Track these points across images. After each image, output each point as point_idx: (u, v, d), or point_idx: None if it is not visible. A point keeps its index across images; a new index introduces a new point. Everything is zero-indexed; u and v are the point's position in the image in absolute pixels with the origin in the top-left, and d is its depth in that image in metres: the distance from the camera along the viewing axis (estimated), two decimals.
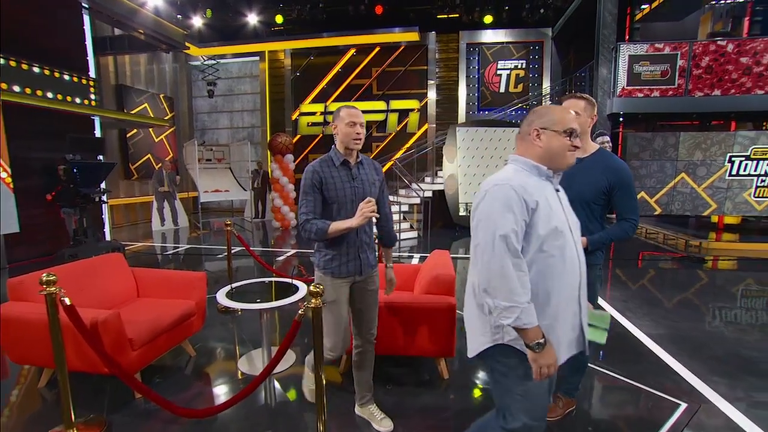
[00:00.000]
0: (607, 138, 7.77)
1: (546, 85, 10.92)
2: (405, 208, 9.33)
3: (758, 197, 7.41)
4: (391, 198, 8.93)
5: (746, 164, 7.53)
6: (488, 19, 10.45)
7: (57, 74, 6.38)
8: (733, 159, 7.56)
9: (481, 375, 2.81)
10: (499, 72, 11.01)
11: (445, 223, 9.35)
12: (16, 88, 5.79)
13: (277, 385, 2.70)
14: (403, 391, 2.58)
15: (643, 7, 9.64)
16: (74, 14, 6.79)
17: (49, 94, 6.28)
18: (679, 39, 7.86)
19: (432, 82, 11.37)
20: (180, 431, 2.21)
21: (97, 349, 2.05)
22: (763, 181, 7.41)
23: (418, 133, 11.73)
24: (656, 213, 8.54)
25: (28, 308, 2.34)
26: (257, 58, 12.77)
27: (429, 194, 9.50)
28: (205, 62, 12.72)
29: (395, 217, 7.96)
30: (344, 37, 11.33)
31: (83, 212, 6.39)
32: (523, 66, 10.90)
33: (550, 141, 1.34)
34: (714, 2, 9.29)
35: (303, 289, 2.89)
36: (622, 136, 8.96)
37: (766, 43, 7.26)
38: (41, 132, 6.32)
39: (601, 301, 4.18)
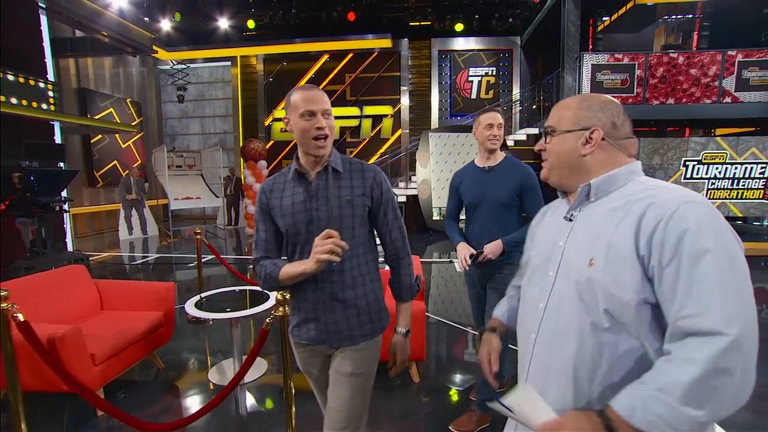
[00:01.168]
0: None
1: (516, 91, 11.24)
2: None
3: (710, 198, 7.87)
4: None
5: (698, 168, 8.00)
6: (459, 26, 10.69)
7: (11, 76, 6.10)
8: (687, 163, 8.01)
9: (452, 378, 2.86)
10: (470, 78, 11.26)
11: (418, 228, 9.45)
12: None
13: (248, 394, 2.67)
14: (374, 395, 2.60)
15: (604, 19, 10.11)
16: (29, 13, 6.49)
17: (2, 98, 5.99)
18: (636, 50, 8.28)
19: (405, 88, 11.51)
20: None
21: (54, 367, 1.97)
22: (713, 184, 7.88)
23: (392, 139, 11.83)
24: None
25: None
26: (229, 63, 12.58)
27: (403, 199, 9.59)
28: (175, 66, 12.42)
29: None
30: (317, 43, 11.33)
31: (41, 222, 6.10)
32: (494, 73, 11.20)
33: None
34: (666, 17, 9.85)
35: (273, 297, 2.86)
36: None
37: (712, 56, 7.76)
38: None
39: None
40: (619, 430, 0.70)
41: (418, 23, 10.84)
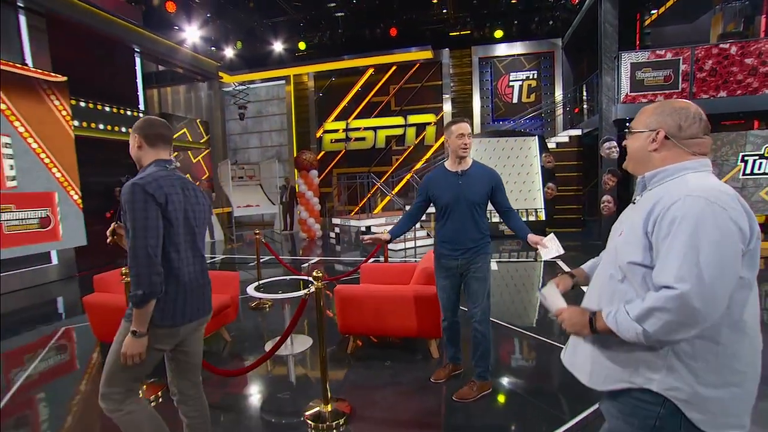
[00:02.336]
0: (615, 143, 8.06)
1: (558, 93, 11.21)
2: (423, 217, 9.85)
3: None
4: (407, 207, 9.50)
5: (761, 163, 7.57)
6: (499, 33, 10.93)
7: (114, 110, 7.41)
8: (746, 158, 7.62)
9: (465, 355, 3.28)
10: (511, 83, 11.42)
11: None
12: (85, 124, 6.82)
13: (293, 362, 3.28)
14: (399, 367, 3.10)
15: (652, 12, 9.84)
16: (128, 57, 7.87)
17: (109, 127, 7.31)
18: (688, 42, 8.02)
19: (447, 96, 11.92)
20: (211, 391, 2.82)
21: None
22: None
23: (436, 145, 12.26)
24: None
25: (108, 297, 3.04)
26: (283, 81, 13.76)
27: None
28: (237, 88, 13.84)
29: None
30: (363, 58, 12.10)
31: None
32: (535, 76, 11.27)
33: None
34: (725, 2, 9.37)
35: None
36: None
37: None
38: (103, 160, 7.32)
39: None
40: (596, 323, 1.10)
41: (458, 33, 11.24)
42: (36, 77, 5.94)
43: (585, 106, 10.50)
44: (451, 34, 11.25)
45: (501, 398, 2.65)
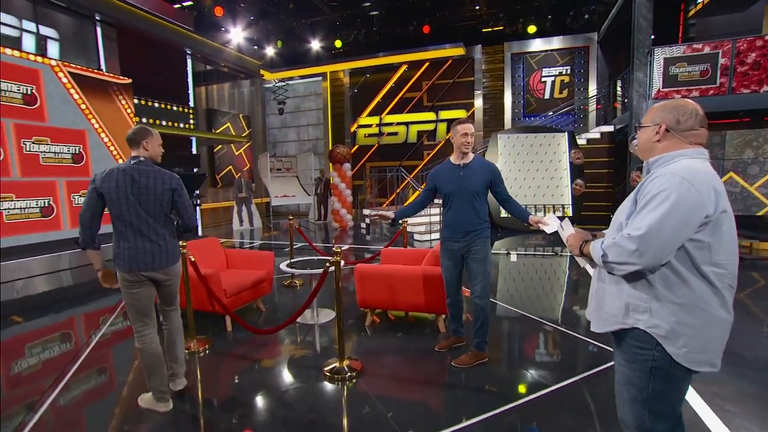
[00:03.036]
0: None
1: (593, 88, 11.07)
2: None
3: None
4: (437, 201, 9.80)
5: None
6: (532, 28, 10.92)
7: (168, 107, 8.23)
8: None
9: (468, 330, 3.63)
10: (543, 79, 11.39)
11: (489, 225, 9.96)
12: (144, 120, 7.66)
13: (320, 330, 3.76)
14: (408, 338, 3.50)
15: (697, 2, 9.51)
16: (181, 59, 8.69)
17: (163, 122, 8.13)
18: (736, 34, 7.75)
19: (479, 92, 12.05)
20: (249, 348, 3.34)
21: (208, 292, 3.26)
22: None
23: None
24: None
25: None
26: (320, 78, 14.37)
27: None
28: (277, 84, 14.60)
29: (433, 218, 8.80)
30: (396, 55, 12.44)
31: None
32: (568, 72, 11.17)
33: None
34: None
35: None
36: None
37: None
38: None
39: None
40: (583, 247, 1.46)
41: (490, 29, 11.32)
42: (108, 80, 6.78)
43: (619, 102, 10.33)
44: (483, 30, 11.36)
45: (496, 366, 2.99)
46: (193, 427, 2.36)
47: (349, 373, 2.82)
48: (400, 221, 5.08)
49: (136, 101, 7.45)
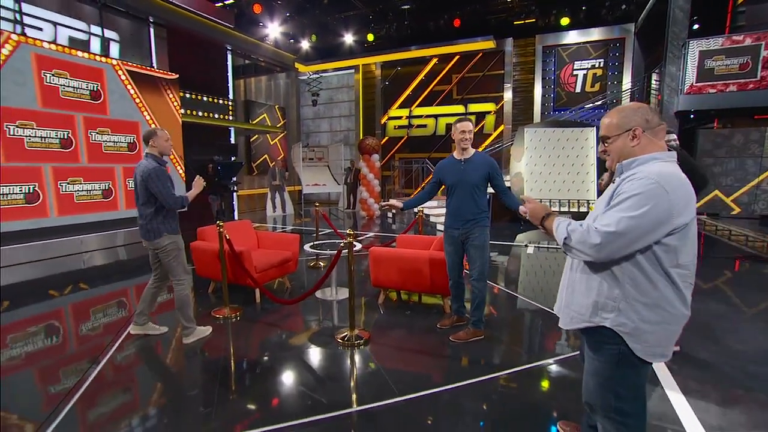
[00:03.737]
0: (674, 136, 7.81)
1: (627, 81, 10.80)
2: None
3: None
4: None
5: None
6: (565, 21, 10.77)
7: (209, 99, 8.90)
8: None
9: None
10: (575, 72, 11.22)
11: (512, 218, 10.07)
12: (189, 112, 8.35)
13: (337, 306, 4.19)
14: (416, 316, 3.87)
15: None
16: (222, 54, 9.33)
17: (205, 114, 8.81)
18: None
19: (508, 85, 12.03)
20: (274, 317, 3.82)
21: (241, 267, 3.76)
22: None
23: (494, 134, 12.48)
24: (734, 213, 8.21)
25: (207, 244, 4.20)
26: (353, 70, 14.75)
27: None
28: (311, 76, 15.13)
29: None
30: (427, 48, 12.60)
31: (223, 198, 8.82)
32: (601, 65, 10.95)
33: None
34: None
35: (358, 246, 4.33)
36: (694, 134, 8.63)
37: None
38: (199, 141, 8.88)
39: None
40: (544, 221, 1.52)
41: (522, 22, 11.25)
42: (158, 76, 7.49)
43: (654, 97, 10.05)
44: (515, 23, 11.30)
45: (490, 343, 3.30)
46: (225, 379, 2.84)
47: (357, 341, 3.23)
48: (416, 210, 5.43)
49: (181, 95, 8.14)
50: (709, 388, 2.57)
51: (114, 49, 7.14)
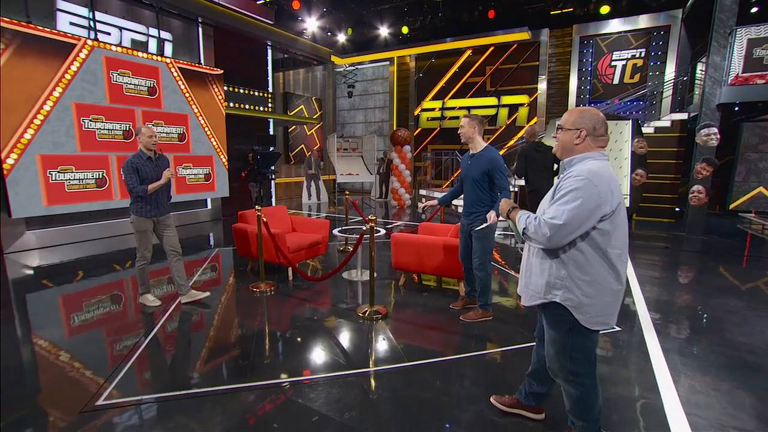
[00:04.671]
0: (714, 130, 7.60)
1: (669, 71, 10.38)
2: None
3: None
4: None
5: None
6: (605, 9, 10.46)
7: (250, 92, 9.49)
8: None
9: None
10: (613, 63, 10.90)
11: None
12: (232, 104, 8.98)
13: (361, 287, 4.59)
14: (432, 297, 4.20)
15: None
16: (262, 50, 9.89)
17: (247, 106, 9.42)
18: None
19: (543, 76, 11.87)
20: (305, 294, 4.26)
21: (276, 247, 4.22)
22: None
23: (527, 126, 12.36)
24: None
25: (246, 226, 4.72)
26: (387, 63, 14.99)
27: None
28: (347, 69, 15.52)
29: None
30: (462, 40, 12.62)
31: (262, 186, 9.44)
32: (642, 54, 10.57)
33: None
34: None
35: (383, 232, 4.69)
36: (737, 127, 8.25)
37: None
38: (241, 132, 9.52)
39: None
40: (510, 213, 1.83)
41: (559, 11, 11.03)
42: (205, 72, 8.14)
43: (698, 87, 9.63)
44: (551, 12, 11.09)
45: (496, 323, 3.58)
46: (260, 340, 3.31)
47: (375, 316, 3.60)
48: (451, 204, 5.72)
49: (225, 88, 8.77)
50: (696, 367, 2.75)
51: (168, 49, 7.82)
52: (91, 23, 6.60)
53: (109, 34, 6.90)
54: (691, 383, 2.60)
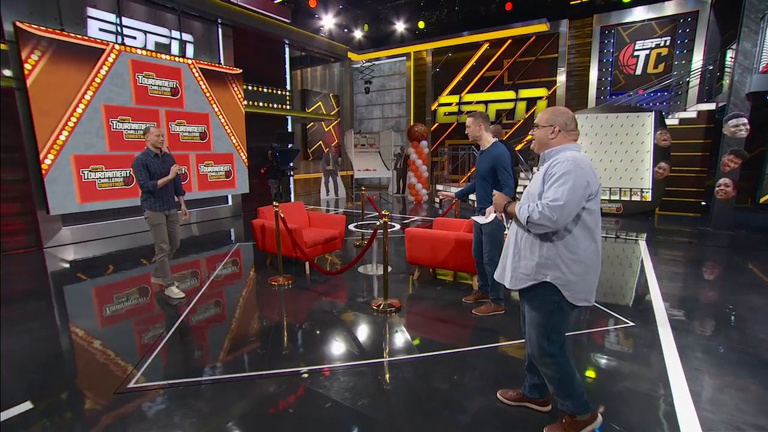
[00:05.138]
0: (744, 120, 7.33)
1: (697, 60, 10.02)
2: (520, 189, 10.36)
3: None
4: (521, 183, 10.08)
5: None
6: None
7: (269, 90, 9.68)
8: None
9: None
10: (636, 53, 10.60)
11: None
12: (250, 103, 9.20)
13: (376, 281, 4.69)
14: (446, 291, 4.26)
15: None
16: (280, 48, 10.07)
17: (265, 104, 9.62)
18: None
19: (562, 68, 11.65)
20: (321, 287, 4.39)
21: (293, 242, 4.36)
22: None
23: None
24: None
25: (265, 221, 4.88)
26: (404, 58, 14.98)
27: None
28: (364, 65, 15.59)
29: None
30: (479, 34, 12.50)
31: (281, 182, 9.64)
32: (667, 43, 10.24)
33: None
34: None
35: (397, 227, 4.77)
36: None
37: None
38: (260, 129, 9.73)
39: None
40: (507, 207, 1.96)
41: (579, 1, 10.79)
42: (225, 72, 8.36)
43: (727, 76, 9.28)
44: (571, 2, 10.86)
45: (508, 318, 3.62)
46: (278, 334, 3.45)
47: (389, 309, 3.70)
48: (470, 198, 5.75)
49: (245, 87, 8.98)
50: (711, 363, 2.73)
51: (189, 50, 8.06)
52: (118, 28, 6.88)
53: (134, 38, 7.17)
54: (704, 379, 2.60)
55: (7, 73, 5.64)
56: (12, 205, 5.95)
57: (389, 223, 3.69)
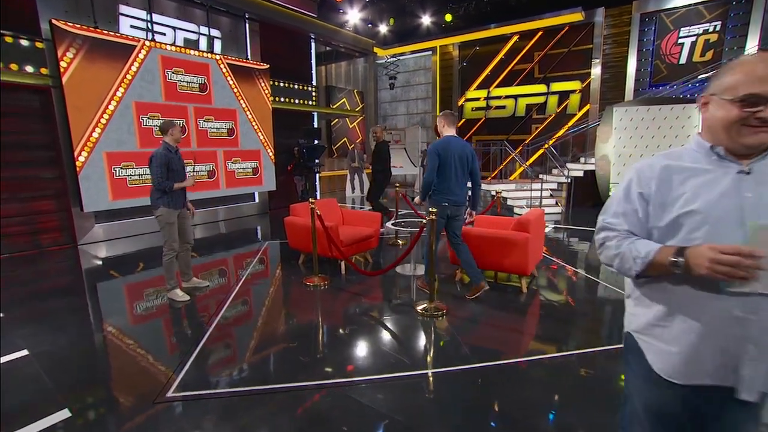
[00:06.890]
0: None
1: (752, 45, 9.33)
2: (554, 186, 9.96)
3: None
4: (540, 176, 9.66)
5: None
6: None
7: (295, 86, 9.56)
8: None
9: (547, 294, 3.95)
10: (680, 41, 9.98)
11: (595, 203, 9.50)
12: (277, 99, 9.10)
13: (414, 280, 4.46)
14: (492, 293, 3.99)
15: None
16: (306, 43, 9.92)
17: (291, 100, 9.50)
18: None
19: (597, 60, 11.10)
20: (358, 288, 4.19)
21: (329, 240, 4.17)
22: None
23: (579, 114, 11.67)
24: None
25: (298, 219, 4.70)
26: (430, 52, 14.64)
27: (580, 174, 9.77)
28: (388, 60, 15.33)
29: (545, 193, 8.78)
30: (508, 26, 12.05)
31: (307, 179, 9.51)
32: (717, 28, 9.58)
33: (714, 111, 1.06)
34: None
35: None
36: None
37: None
38: (287, 125, 9.62)
39: None
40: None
41: None
42: (252, 67, 8.27)
43: None
44: None
45: (565, 326, 3.32)
46: (312, 337, 3.26)
47: (436, 312, 3.46)
48: (493, 192, 5.49)
49: (271, 83, 8.87)
50: None
51: (217, 46, 7.99)
52: (149, 25, 6.85)
53: (164, 34, 7.13)
54: None
55: (43, 71, 5.65)
56: (48, 202, 5.99)
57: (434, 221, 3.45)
